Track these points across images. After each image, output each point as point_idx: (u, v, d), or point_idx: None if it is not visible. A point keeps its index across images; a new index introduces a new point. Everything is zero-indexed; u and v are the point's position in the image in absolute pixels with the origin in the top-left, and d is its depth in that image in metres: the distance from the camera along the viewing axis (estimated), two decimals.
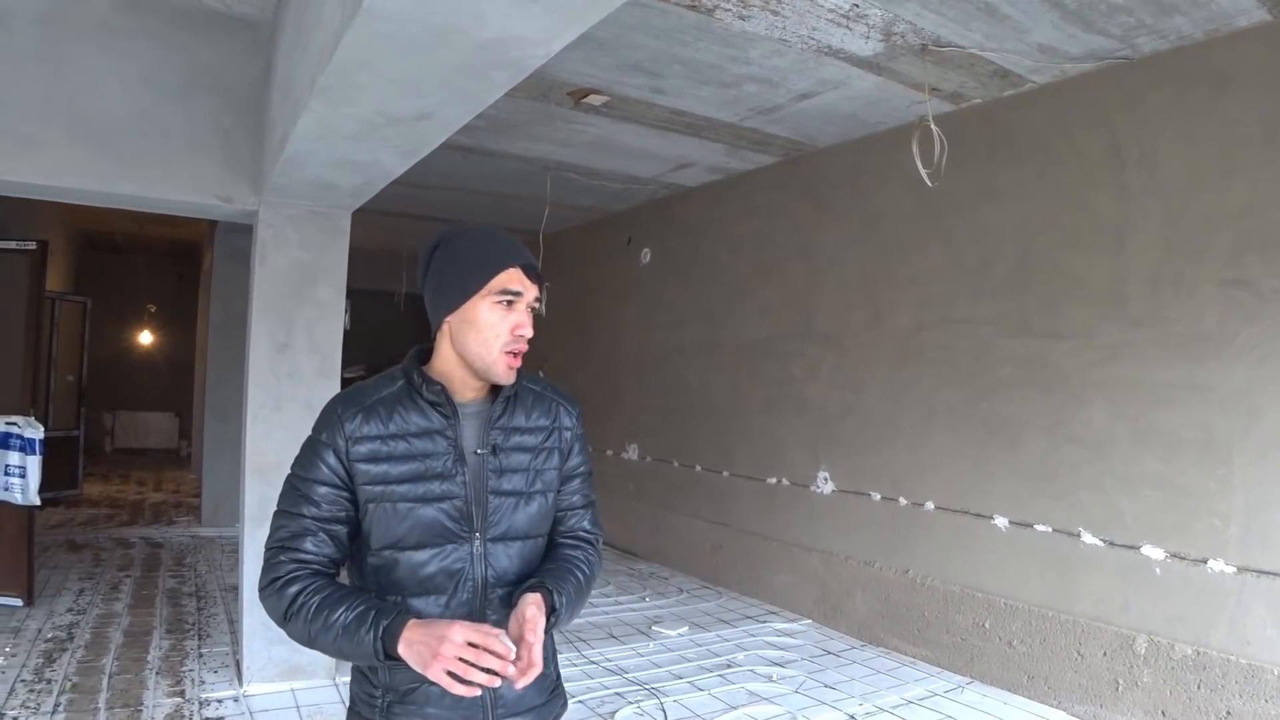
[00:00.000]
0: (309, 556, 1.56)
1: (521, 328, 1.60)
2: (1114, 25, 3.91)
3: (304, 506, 1.57)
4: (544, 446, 1.70)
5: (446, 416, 1.61)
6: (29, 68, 3.99)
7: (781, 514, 6.40)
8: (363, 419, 1.59)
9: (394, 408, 1.61)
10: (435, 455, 1.59)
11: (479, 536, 1.60)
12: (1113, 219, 4.33)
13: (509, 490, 1.64)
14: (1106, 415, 4.31)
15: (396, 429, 1.59)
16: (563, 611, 1.59)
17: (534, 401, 1.72)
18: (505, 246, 1.62)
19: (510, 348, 1.59)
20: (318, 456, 1.58)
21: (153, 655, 4.75)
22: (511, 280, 1.59)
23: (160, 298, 15.12)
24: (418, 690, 1.57)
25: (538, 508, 1.68)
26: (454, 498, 1.59)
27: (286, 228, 4.55)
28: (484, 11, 2.16)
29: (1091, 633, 4.26)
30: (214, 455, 8.60)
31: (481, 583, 1.60)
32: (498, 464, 1.63)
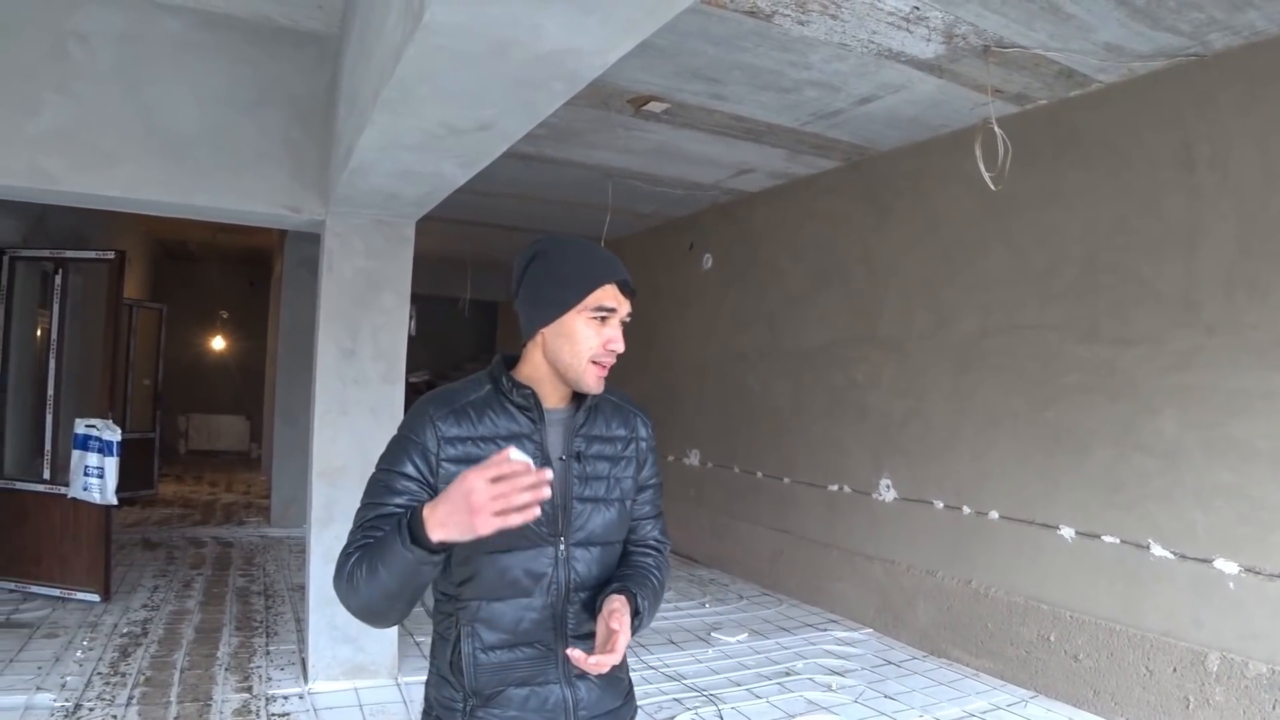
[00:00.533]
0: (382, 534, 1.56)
1: (613, 342, 1.63)
2: (1184, 22, 3.81)
3: (387, 495, 1.57)
4: (622, 455, 1.73)
5: (534, 421, 1.64)
6: (108, 85, 4.15)
7: (843, 521, 6.34)
8: (454, 420, 1.61)
9: (483, 411, 1.63)
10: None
11: (563, 540, 1.62)
12: (1184, 221, 4.21)
13: (591, 496, 1.66)
14: (1178, 424, 4.19)
15: (486, 431, 1.61)
16: (645, 615, 1.63)
17: (613, 412, 1.76)
18: (603, 262, 1.65)
19: (600, 359, 1.62)
20: (405, 453, 1.59)
21: (222, 652, 4.89)
22: (607, 297, 1.62)
23: (232, 304, 15.55)
24: (502, 694, 1.59)
25: (616, 514, 1.70)
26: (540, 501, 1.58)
27: (353, 237, 4.66)
28: (541, 24, 2.19)
29: (1161, 648, 4.15)
30: (283, 458, 8.81)
31: (565, 586, 1.62)
32: (581, 470, 1.66)
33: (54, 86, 4.06)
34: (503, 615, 1.59)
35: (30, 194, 4.31)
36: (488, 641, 1.59)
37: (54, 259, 6.12)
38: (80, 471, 5.63)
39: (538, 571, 1.60)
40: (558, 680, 1.62)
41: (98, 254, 6.18)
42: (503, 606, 1.59)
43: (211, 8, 4.28)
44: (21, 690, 4.14)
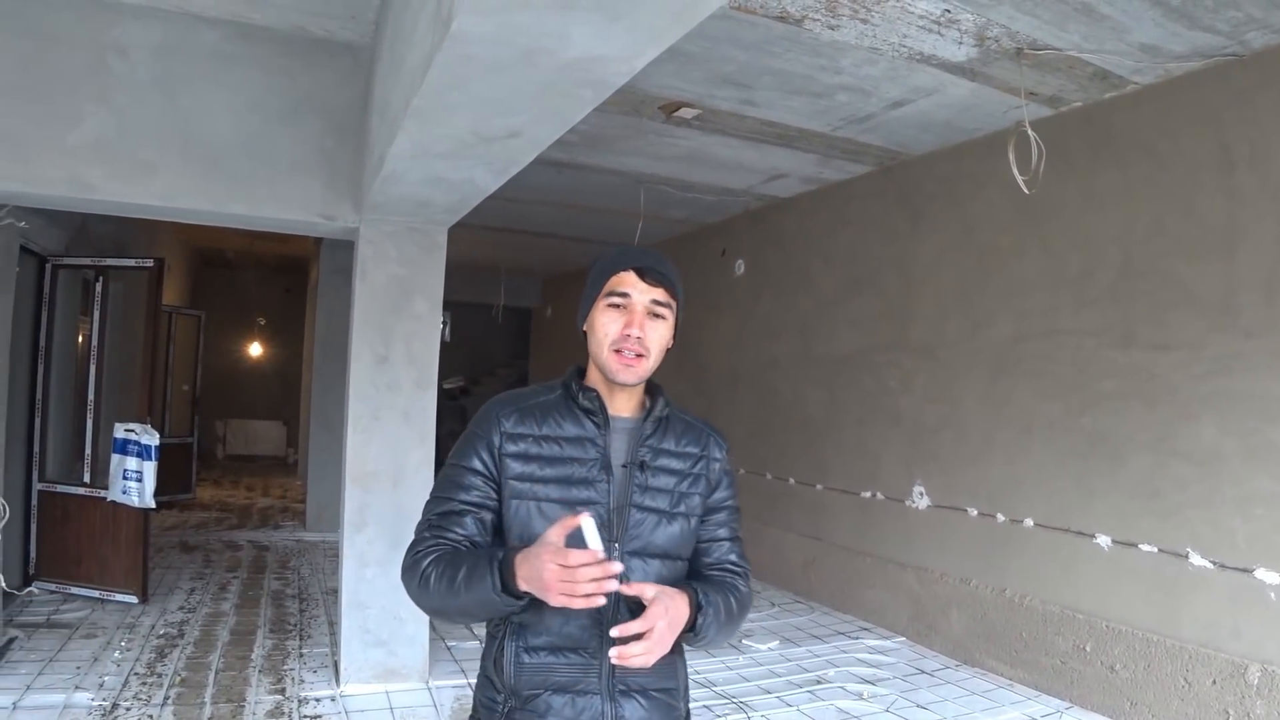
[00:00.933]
0: (453, 536, 1.62)
1: (629, 326, 1.62)
2: (1221, 21, 3.75)
3: (455, 491, 1.64)
4: (691, 472, 1.72)
5: (599, 426, 1.65)
6: (147, 96, 4.23)
7: (875, 529, 6.30)
8: (518, 418, 1.66)
9: (550, 413, 1.67)
10: (583, 462, 1.63)
11: (616, 547, 1.60)
12: (1222, 224, 4.14)
13: (651, 507, 1.65)
14: (1216, 430, 4.12)
15: (549, 432, 1.65)
16: (709, 621, 1.58)
17: (685, 429, 1.76)
18: (625, 253, 1.68)
19: (620, 347, 1.61)
20: (472, 448, 1.66)
21: (256, 654, 4.94)
22: (621, 282, 1.63)
23: (269, 311, 15.75)
24: (540, 698, 1.58)
25: (679, 529, 1.68)
26: (595, 504, 1.60)
27: (386, 244, 4.71)
28: (568, 32, 2.20)
29: (1200, 659, 4.07)
30: (319, 463, 8.90)
31: (615, 595, 1.53)
32: (643, 480, 1.66)
33: (94, 98, 4.15)
34: (548, 617, 1.57)
35: (71, 203, 4.40)
36: (531, 643, 1.59)
37: (94, 267, 6.23)
38: (120, 475, 5.73)
39: None
40: (599, 691, 1.59)
41: (137, 262, 6.28)
42: (548, 608, 1.54)
43: (248, 19, 4.35)
44: (60, 689, 4.21)
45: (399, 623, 4.67)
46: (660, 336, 1.65)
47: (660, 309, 1.65)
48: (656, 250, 1.74)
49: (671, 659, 1.64)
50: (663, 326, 1.66)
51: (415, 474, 4.73)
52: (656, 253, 1.71)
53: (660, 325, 1.65)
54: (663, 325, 1.66)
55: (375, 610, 4.63)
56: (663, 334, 1.66)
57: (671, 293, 1.66)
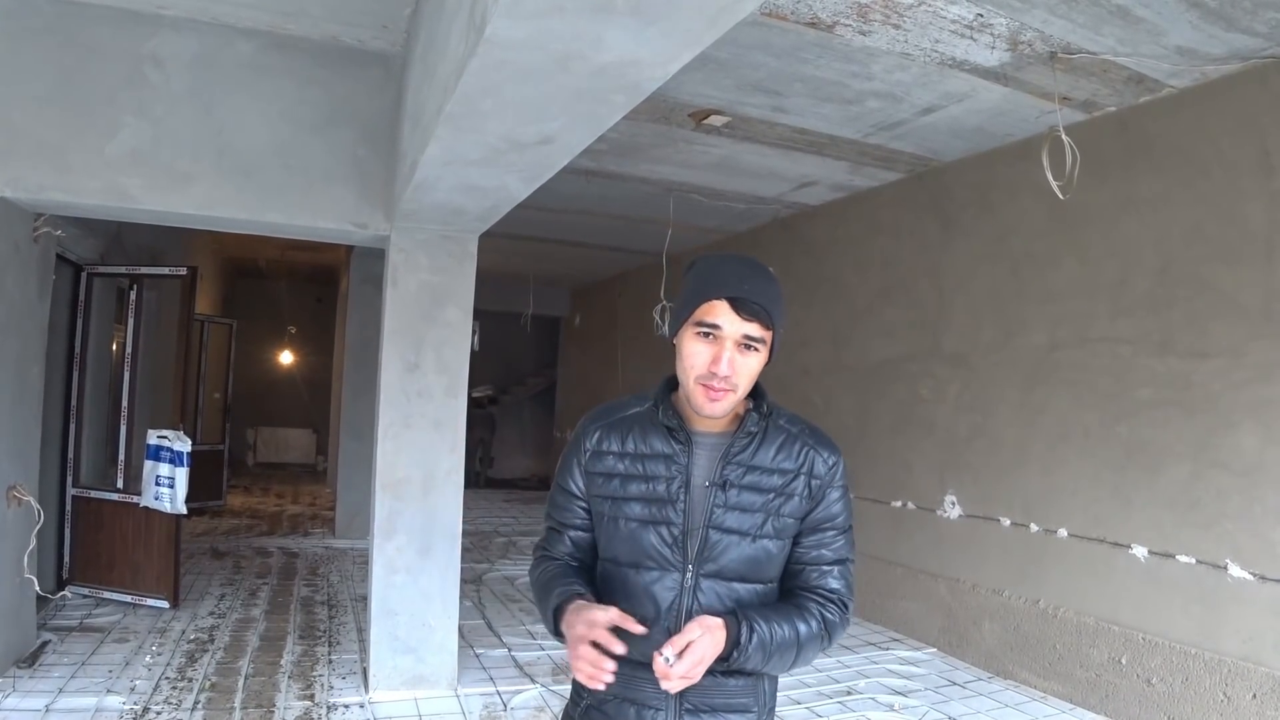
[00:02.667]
0: (555, 553, 1.75)
1: (716, 362, 1.52)
2: (1259, 23, 3.69)
3: (554, 510, 1.75)
4: (785, 490, 1.62)
5: (681, 443, 1.62)
6: (182, 107, 4.29)
7: (907, 539, 6.24)
8: (603, 434, 1.68)
9: (635, 427, 1.67)
10: (661, 479, 1.61)
11: (691, 568, 1.57)
12: (1263, 229, 4.07)
13: (732, 528, 1.58)
14: (1257, 439, 4.05)
15: (633, 448, 1.65)
16: (750, 647, 1.50)
17: (784, 442, 1.65)
18: (719, 277, 1.56)
19: (705, 380, 1.54)
20: (566, 466, 1.72)
21: (286, 659, 4.96)
22: (710, 313, 1.53)
23: (300, 320, 15.87)
24: (610, 704, 1.62)
25: (763, 551, 1.60)
26: (671, 524, 1.59)
27: (417, 252, 4.73)
28: (603, 37, 2.20)
29: (1239, 673, 3.99)
30: (349, 470, 8.94)
31: (685, 614, 1.56)
32: (724, 499, 1.59)
33: (132, 109, 4.21)
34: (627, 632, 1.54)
35: (109, 212, 4.47)
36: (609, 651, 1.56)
37: (129, 275, 6.30)
38: (152, 481, 5.78)
39: (660, 596, 1.58)
40: (665, 708, 1.58)
41: (171, 270, 6.35)
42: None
43: (282, 30, 4.40)
44: (93, 692, 4.24)
45: (428, 630, 4.67)
46: (751, 369, 1.56)
47: (754, 343, 1.55)
48: (757, 264, 1.61)
49: (752, 680, 1.62)
50: (754, 359, 1.56)
51: (445, 481, 4.74)
52: (755, 270, 1.59)
53: (752, 358, 1.56)
54: (754, 357, 1.56)
55: (404, 617, 4.64)
56: (754, 366, 1.57)
57: (767, 324, 1.55)
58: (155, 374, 7.22)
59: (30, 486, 4.62)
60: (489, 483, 15.11)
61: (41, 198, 4.15)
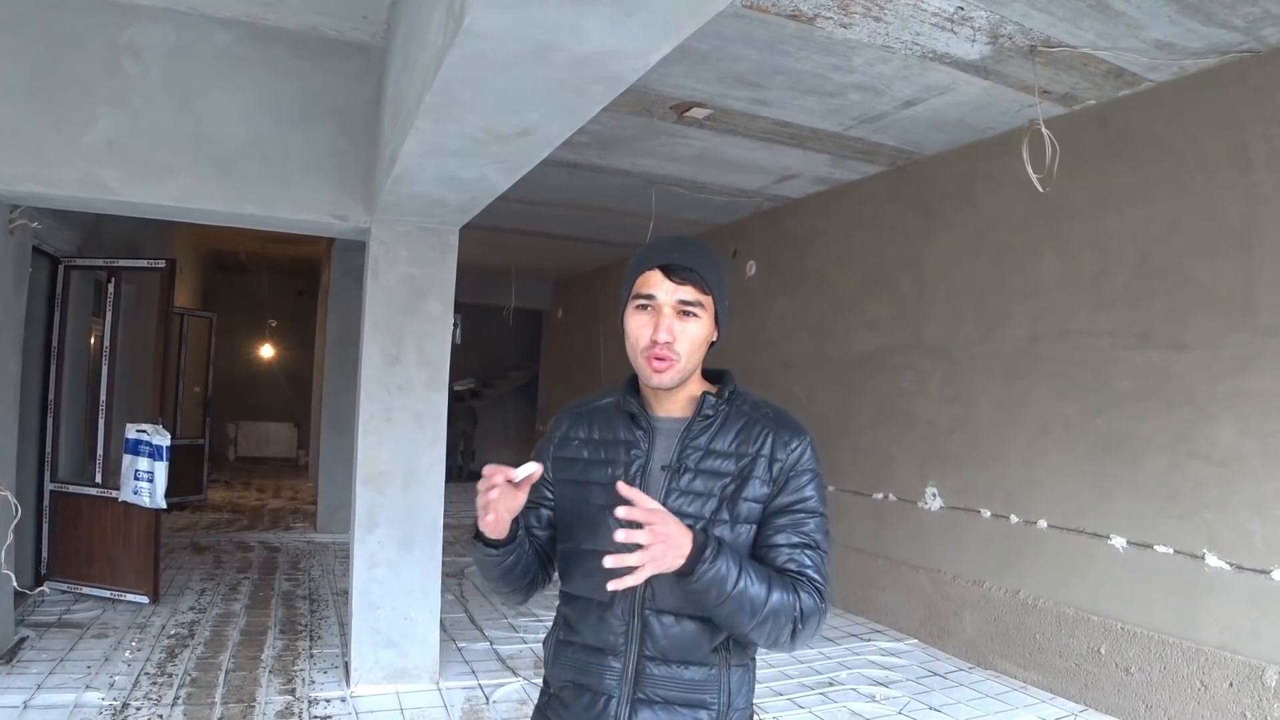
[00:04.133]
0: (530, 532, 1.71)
1: (658, 330, 1.53)
2: (1237, 17, 3.72)
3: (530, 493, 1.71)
4: (741, 474, 1.57)
5: (642, 429, 1.63)
6: (160, 98, 4.24)
7: (889, 530, 6.27)
8: (572, 423, 1.73)
9: (602, 416, 1.70)
10: (620, 464, 1.62)
11: None
12: (1240, 222, 4.11)
13: (686, 512, 1.53)
14: (1235, 431, 4.08)
15: (599, 436, 1.68)
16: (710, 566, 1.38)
17: (744, 426, 1.62)
18: (655, 247, 1.61)
19: (648, 352, 1.55)
20: (538, 452, 1.73)
21: (267, 654, 4.94)
22: (645, 284, 1.57)
23: (281, 314, 15.80)
24: (566, 690, 1.64)
25: (729, 538, 1.53)
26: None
27: (397, 244, 4.70)
28: (583, 27, 2.19)
29: (1217, 662, 4.03)
30: (330, 464, 8.91)
31: (638, 600, 1.54)
32: (679, 484, 1.57)
33: (109, 100, 4.16)
34: (584, 614, 1.60)
35: (86, 204, 4.42)
36: (569, 638, 1.64)
37: (107, 268, 6.25)
38: (131, 475, 5.73)
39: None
40: (617, 695, 1.54)
41: (149, 262, 6.30)
42: (577, 606, 1.63)
43: (260, 20, 4.36)
44: (71, 689, 4.21)
45: (409, 624, 4.66)
46: (692, 335, 1.55)
47: (690, 308, 1.55)
48: (690, 238, 1.64)
49: (712, 673, 1.54)
50: (694, 325, 1.55)
51: (426, 475, 4.73)
52: (688, 242, 1.61)
53: (692, 324, 1.55)
54: (694, 324, 1.55)
55: (386, 611, 4.63)
56: (695, 332, 1.55)
57: (701, 287, 1.55)
58: (134, 368, 7.16)
59: (7, 481, 4.58)
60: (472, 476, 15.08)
61: (17, 189, 4.10)
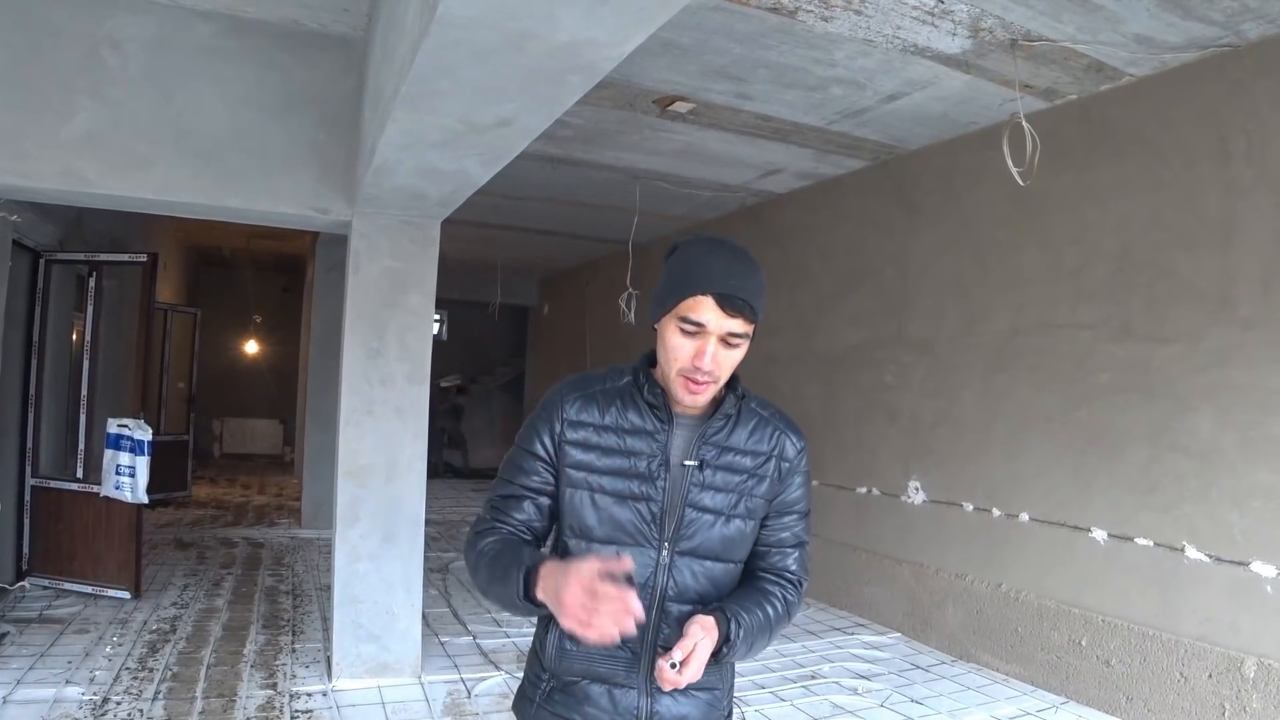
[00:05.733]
0: (513, 521, 1.64)
1: (700, 357, 1.50)
2: (1216, 11, 3.73)
3: (517, 475, 1.65)
4: (757, 472, 1.63)
5: (662, 421, 1.60)
6: (140, 91, 4.22)
7: (872, 524, 6.28)
8: (582, 405, 1.63)
9: (614, 400, 1.63)
10: (642, 456, 1.59)
11: (667, 546, 1.57)
12: (1220, 215, 4.13)
13: (708, 506, 1.59)
14: (1214, 423, 4.10)
15: (612, 422, 1.61)
16: (738, 642, 1.51)
17: (757, 425, 1.66)
18: (707, 270, 1.51)
19: (688, 374, 1.52)
20: (535, 432, 1.64)
21: (249, 649, 4.92)
22: (695, 309, 1.50)
23: (266, 309, 15.70)
24: (578, 685, 1.60)
25: (736, 531, 1.61)
26: (650, 500, 1.57)
27: (379, 237, 4.68)
28: (556, 15, 2.18)
29: (1196, 653, 4.05)
30: (315, 461, 8.87)
31: (660, 593, 1.57)
32: (702, 479, 1.59)
33: (88, 92, 4.13)
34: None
35: (65, 197, 4.39)
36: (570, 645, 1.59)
37: (88, 262, 6.21)
38: (112, 470, 5.70)
39: (636, 573, 1.54)
40: (637, 687, 1.58)
41: (131, 257, 6.25)
42: None
43: (241, 13, 4.33)
44: (51, 684, 4.19)
45: (391, 618, 4.65)
46: (734, 361, 1.55)
47: (738, 339, 1.53)
48: (740, 254, 1.57)
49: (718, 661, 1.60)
50: (737, 352, 1.55)
51: (408, 469, 4.72)
52: (742, 263, 1.55)
53: (735, 352, 1.55)
54: (738, 351, 1.55)
55: (367, 605, 4.61)
56: (736, 358, 1.56)
57: (751, 319, 1.53)
58: (116, 362, 7.12)
59: None
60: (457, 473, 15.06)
61: None
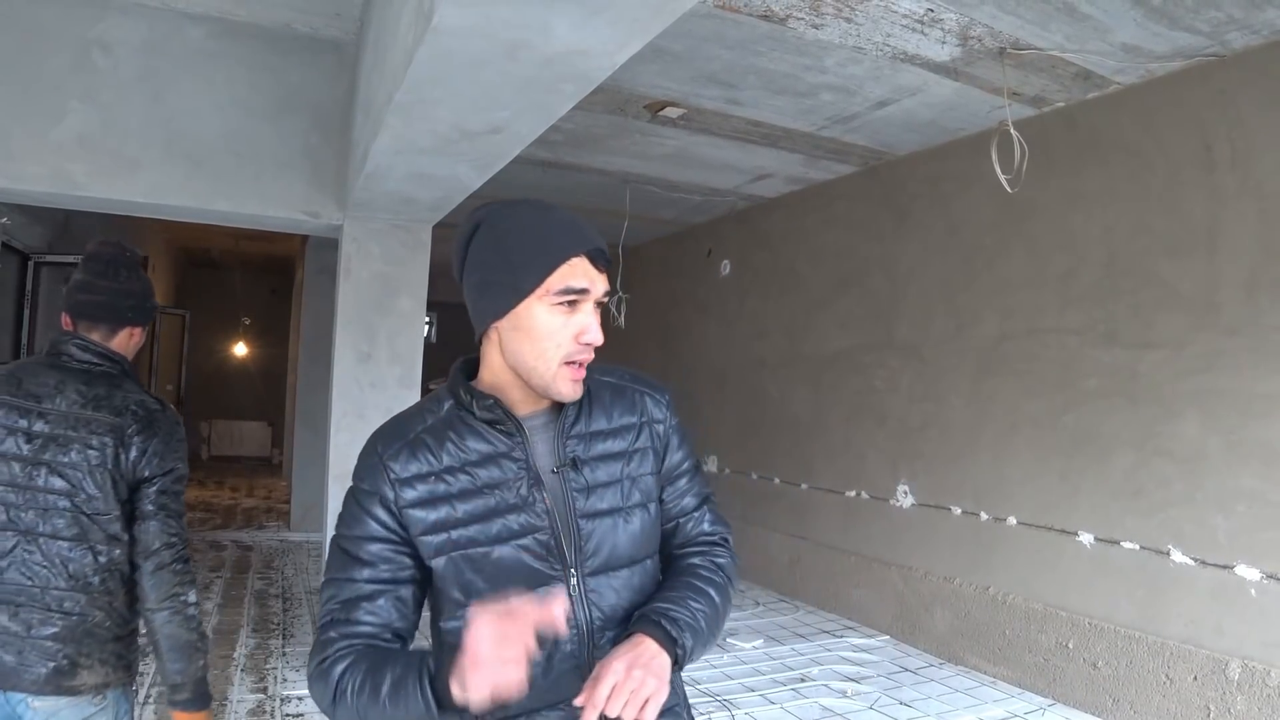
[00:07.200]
0: (365, 628, 1.29)
1: (587, 332, 1.30)
2: (1201, 21, 3.77)
3: (355, 569, 1.31)
4: (635, 449, 1.41)
5: (510, 434, 1.34)
6: (131, 93, 4.22)
7: (860, 527, 6.31)
8: (408, 455, 1.32)
9: (444, 436, 1.34)
10: (505, 483, 1.32)
11: (575, 572, 1.32)
12: (1205, 222, 4.17)
13: (603, 509, 1.36)
14: (1199, 428, 4.14)
15: (452, 460, 1.32)
16: (692, 644, 1.31)
17: (613, 397, 1.43)
18: (565, 228, 1.32)
19: (574, 357, 1.30)
20: (363, 509, 1.32)
21: (239, 653, 4.92)
22: (575, 274, 1.29)
23: (255, 311, 15.66)
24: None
25: (640, 525, 1.39)
26: (536, 530, 1.31)
27: (369, 241, 4.70)
28: (550, 25, 2.21)
29: (1181, 656, 4.10)
30: (304, 463, 8.88)
31: (586, 629, 1.32)
32: (583, 480, 1.35)
33: (78, 94, 4.13)
34: None
35: (55, 199, 4.38)
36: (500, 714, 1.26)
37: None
38: None
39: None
40: None
41: None
42: None
43: (233, 16, 4.34)
44: None
45: None
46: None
47: (604, 300, 1.36)
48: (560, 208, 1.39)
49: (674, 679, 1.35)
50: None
51: None
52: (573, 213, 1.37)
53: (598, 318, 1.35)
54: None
55: None
56: None
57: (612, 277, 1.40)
58: None
59: None
60: None
61: None
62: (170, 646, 2.05)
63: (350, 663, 1.24)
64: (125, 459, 1.99)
